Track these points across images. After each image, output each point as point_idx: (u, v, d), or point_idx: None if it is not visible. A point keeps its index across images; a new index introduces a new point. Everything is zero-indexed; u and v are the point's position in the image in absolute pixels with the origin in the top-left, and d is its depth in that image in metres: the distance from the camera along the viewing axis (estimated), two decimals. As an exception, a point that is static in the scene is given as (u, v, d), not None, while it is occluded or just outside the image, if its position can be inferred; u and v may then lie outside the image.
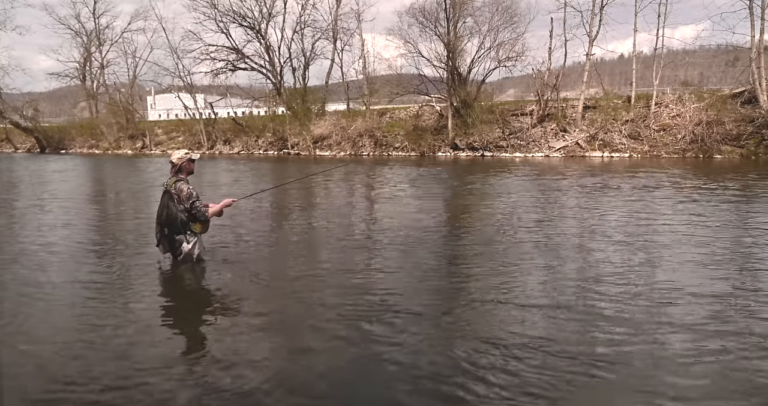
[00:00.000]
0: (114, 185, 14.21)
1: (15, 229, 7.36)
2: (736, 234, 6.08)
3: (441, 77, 24.59)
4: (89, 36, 37.27)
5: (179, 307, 4.04)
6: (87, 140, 35.19)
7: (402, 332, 3.36)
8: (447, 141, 23.16)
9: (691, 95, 20.40)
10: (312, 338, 3.33)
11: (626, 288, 4.12)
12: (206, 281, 4.65)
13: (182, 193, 4.66)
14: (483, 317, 3.61)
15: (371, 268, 4.96)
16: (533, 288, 4.20)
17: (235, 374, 2.83)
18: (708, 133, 18.24)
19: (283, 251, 5.88)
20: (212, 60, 29.95)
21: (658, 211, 7.68)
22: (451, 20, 23.15)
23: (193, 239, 4.83)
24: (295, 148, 26.82)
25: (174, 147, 29.59)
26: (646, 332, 3.28)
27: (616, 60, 60.36)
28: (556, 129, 21.69)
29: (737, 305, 3.71)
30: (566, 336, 3.24)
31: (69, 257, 5.51)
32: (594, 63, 23.87)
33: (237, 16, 28.99)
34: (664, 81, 24.49)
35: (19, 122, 36.42)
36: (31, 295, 4.21)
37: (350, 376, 2.82)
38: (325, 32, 29.08)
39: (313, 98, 28.91)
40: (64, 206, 9.50)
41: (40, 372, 2.89)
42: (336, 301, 3.99)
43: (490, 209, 8.43)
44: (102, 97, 38.16)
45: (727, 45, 21.46)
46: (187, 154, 4.87)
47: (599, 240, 5.94)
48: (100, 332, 3.43)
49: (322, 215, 8.20)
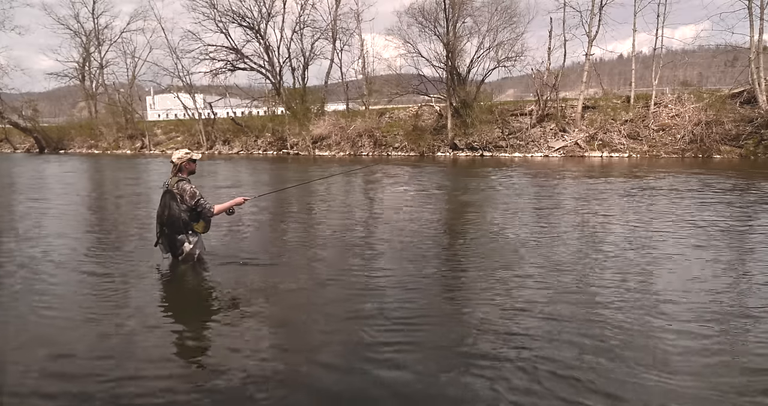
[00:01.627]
0: (113, 185, 14.19)
1: (14, 229, 7.34)
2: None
3: (440, 77, 24.62)
4: (88, 36, 37.26)
5: (180, 307, 4.04)
6: (86, 140, 35.16)
7: (404, 333, 3.36)
8: (446, 141, 23.17)
9: (690, 95, 20.43)
10: (313, 339, 3.32)
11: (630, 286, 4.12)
12: (207, 281, 4.64)
13: (186, 192, 4.65)
14: (483, 318, 3.61)
15: (373, 268, 4.94)
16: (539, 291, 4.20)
17: (235, 374, 2.82)
18: (707, 133, 18.26)
19: (284, 251, 5.87)
20: (211, 60, 30.00)
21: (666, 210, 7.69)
22: (450, 20, 23.17)
23: (194, 239, 4.82)
24: (294, 149, 26.81)
25: (173, 147, 29.57)
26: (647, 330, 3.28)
27: (615, 60, 60.49)
28: (556, 129, 21.71)
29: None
30: (567, 343, 3.24)
31: (69, 257, 5.49)
32: (593, 63, 23.91)
33: (236, 16, 29.03)
34: (664, 81, 24.53)
35: (18, 122, 36.37)
36: (30, 295, 4.20)
37: (351, 376, 2.82)
38: (325, 32, 29.13)
39: (313, 98, 28.91)
40: (64, 205, 9.49)
41: (39, 373, 2.89)
42: (337, 301, 3.98)
43: (496, 214, 8.42)
44: (101, 97, 38.14)
45: (726, 45, 21.53)
46: (187, 154, 4.85)
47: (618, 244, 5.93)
48: (101, 332, 3.43)
49: (324, 216, 8.19)
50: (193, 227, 4.78)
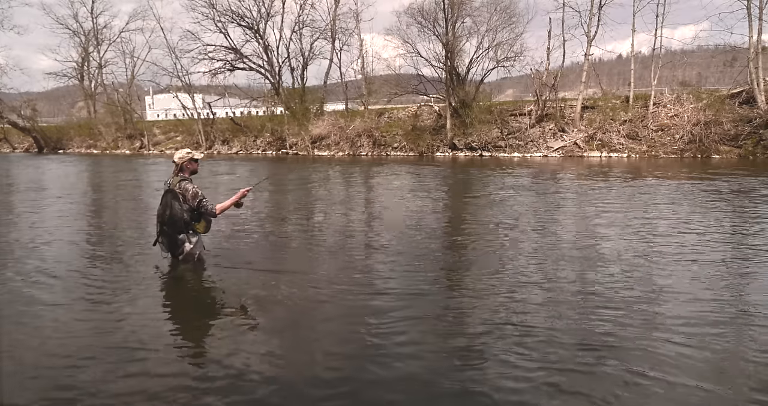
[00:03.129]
0: (113, 185, 14.18)
1: (11, 230, 7.32)
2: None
3: (439, 77, 24.66)
4: (87, 36, 37.30)
5: (180, 307, 4.03)
6: (85, 140, 35.15)
7: (404, 332, 3.36)
8: (445, 141, 23.19)
9: (689, 95, 20.47)
10: (314, 339, 3.32)
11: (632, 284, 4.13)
12: (207, 281, 4.63)
13: (188, 192, 4.64)
14: (483, 319, 3.61)
15: (371, 268, 4.95)
16: (536, 289, 4.21)
17: (235, 373, 2.82)
18: (706, 134, 18.30)
19: (283, 251, 5.88)
20: (210, 60, 30.01)
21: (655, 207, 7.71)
22: (449, 20, 23.20)
23: (194, 239, 4.82)
24: (293, 148, 26.82)
25: (172, 147, 29.60)
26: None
27: (614, 60, 60.66)
28: (555, 129, 21.73)
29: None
30: (566, 350, 3.25)
31: (68, 257, 5.49)
32: (592, 63, 23.98)
33: (235, 16, 29.06)
34: (663, 81, 24.58)
35: (16, 122, 36.37)
36: (29, 296, 4.19)
37: (351, 376, 2.81)
38: (324, 32, 29.16)
39: (312, 98, 28.94)
40: (63, 205, 9.47)
41: (38, 373, 2.88)
42: (337, 301, 3.98)
43: (492, 211, 8.43)
44: (100, 96, 38.17)
45: (725, 45, 21.59)
46: (189, 153, 4.84)
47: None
48: (101, 332, 3.42)
49: (322, 216, 8.19)
50: (194, 227, 4.78)
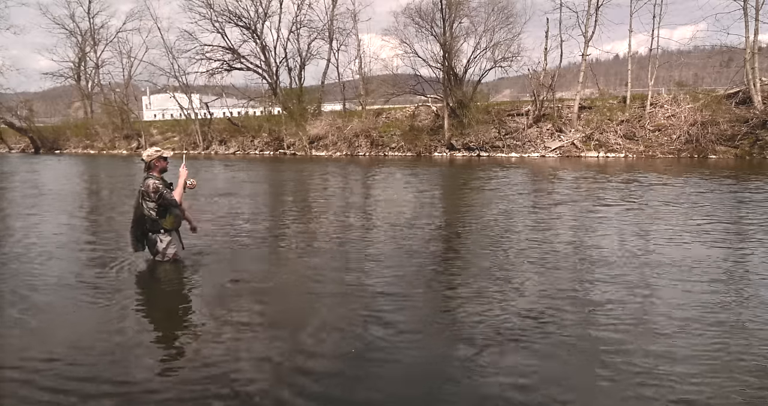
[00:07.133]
0: (108, 186, 14.12)
1: (8, 231, 7.29)
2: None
3: (437, 77, 24.63)
4: (84, 36, 37.21)
5: (161, 309, 3.99)
6: (82, 140, 35.03)
7: (399, 332, 3.34)
8: (443, 141, 23.18)
9: (686, 96, 20.51)
10: (302, 337, 3.30)
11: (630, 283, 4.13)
12: (183, 281, 4.56)
13: (149, 188, 4.66)
14: (483, 319, 3.60)
15: (360, 268, 4.92)
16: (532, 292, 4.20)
17: (228, 376, 2.80)
18: (703, 134, 18.33)
19: (266, 249, 5.82)
20: (208, 60, 29.92)
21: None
22: (447, 20, 23.19)
23: (166, 238, 4.81)
24: (291, 149, 26.77)
25: (169, 147, 29.48)
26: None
27: (611, 60, 60.57)
28: (552, 129, 21.75)
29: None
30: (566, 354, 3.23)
31: (57, 258, 5.45)
32: (590, 63, 24.02)
33: (233, 16, 28.96)
34: (659, 81, 24.61)
35: (13, 122, 36.21)
36: (24, 298, 4.16)
37: (346, 375, 2.80)
38: (321, 32, 29.14)
39: (309, 98, 28.90)
40: (56, 207, 9.43)
41: (36, 373, 2.86)
42: (323, 300, 3.97)
43: (492, 212, 8.42)
44: (97, 97, 38.06)
45: (722, 46, 21.58)
46: (157, 151, 4.88)
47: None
48: (80, 335, 3.40)
49: (310, 214, 8.17)
50: (162, 225, 4.77)
